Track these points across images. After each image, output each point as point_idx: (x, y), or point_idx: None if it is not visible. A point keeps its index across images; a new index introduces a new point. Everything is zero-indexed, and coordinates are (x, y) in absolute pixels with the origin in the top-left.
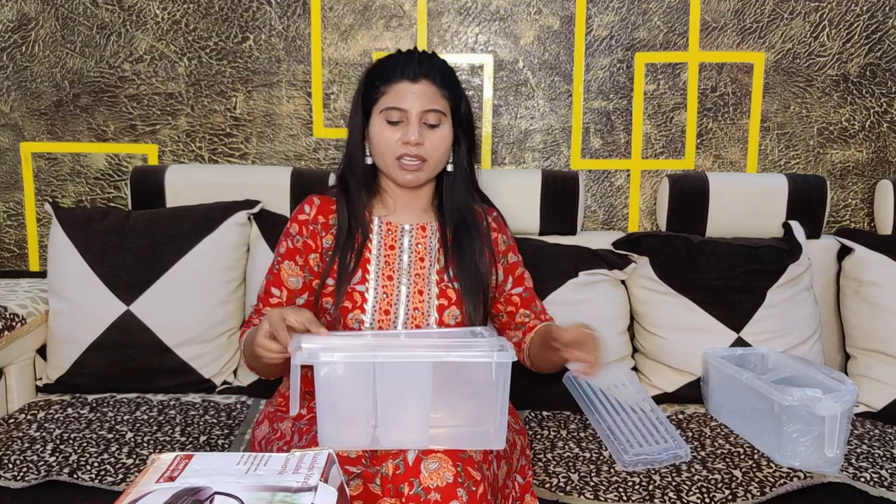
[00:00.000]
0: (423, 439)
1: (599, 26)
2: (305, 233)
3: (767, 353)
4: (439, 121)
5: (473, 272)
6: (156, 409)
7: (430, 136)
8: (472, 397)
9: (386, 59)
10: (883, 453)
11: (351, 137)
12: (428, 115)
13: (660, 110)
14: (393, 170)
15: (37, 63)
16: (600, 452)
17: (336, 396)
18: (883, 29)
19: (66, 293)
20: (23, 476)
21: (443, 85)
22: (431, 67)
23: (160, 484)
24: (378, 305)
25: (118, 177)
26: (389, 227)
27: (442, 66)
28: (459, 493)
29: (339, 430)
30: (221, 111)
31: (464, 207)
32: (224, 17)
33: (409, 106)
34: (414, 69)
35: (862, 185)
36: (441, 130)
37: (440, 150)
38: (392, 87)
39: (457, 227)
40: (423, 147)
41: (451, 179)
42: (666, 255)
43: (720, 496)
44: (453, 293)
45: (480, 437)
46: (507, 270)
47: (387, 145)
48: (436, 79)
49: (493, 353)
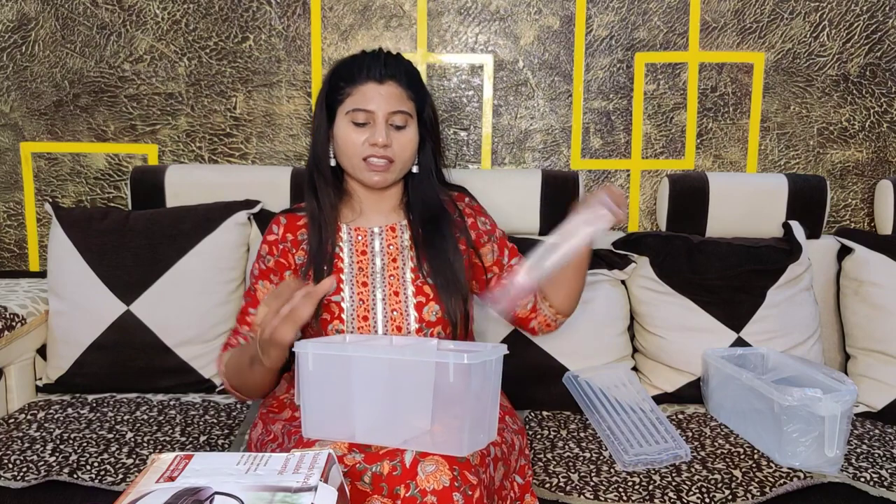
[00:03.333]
0: (397, 439)
1: (599, 26)
2: (276, 252)
3: (767, 353)
4: (406, 122)
5: (447, 268)
6: (156, 409)
7: (397, 137)
8: (441, 401)
9: (351, 60)
10: (883, 453)
11: (315, 139)
12: (395, 116)
13: (660, 110)
14: (360, 171)
15: (37, 63)
16: (600, 452)
17: (320, 389)
18: (883, 29)
19: (66, 293)
20: (23, 476)
21: (408, 86)
22: (398, 68)
23: (160, 484)
24: (355, 313)
25: (118, 177)
26: (359, 232)
27: (408, 67)
28: (456, 497)
29: (322, 422)
30: (221, 111)
31: (432, 204)
32: (224, 17)
33: (375, 107)
34: (380, 70)
35: (862, 185)
36: (408, 132)
37: (407, 151)
38: (358, 88)
39: (426, 223)
40: (391, 148)
41: (416, 180)
42: (666, 255)
43: (720, 496)
44: (430, 289)
45: (447, 442)
46: (499, 245)
47: (353, 147)
48: (402, 80)
49: (451, 354)
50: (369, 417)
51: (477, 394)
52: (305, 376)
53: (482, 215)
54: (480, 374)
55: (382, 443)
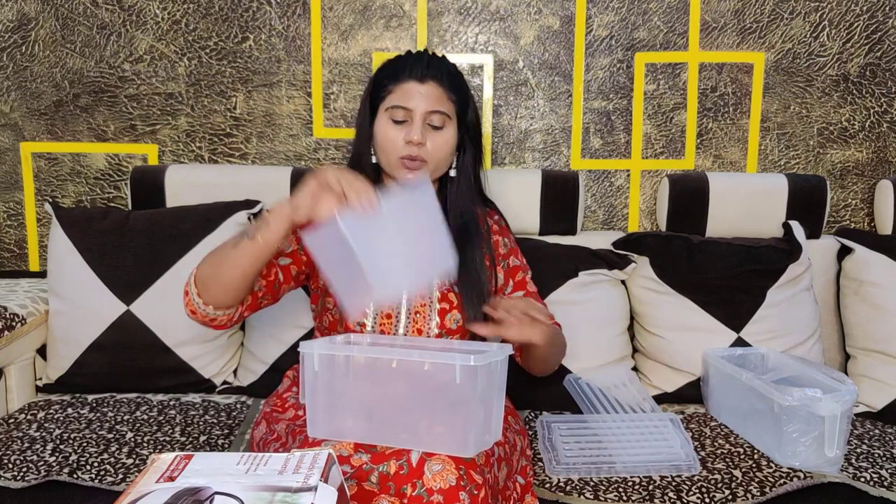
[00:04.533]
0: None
1: (599, 26)
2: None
3: (767, 353)
4: (443, 123)
5: (475, 280)
6: (156, 409)
7: (432, 137)
8: (447, 402)
9: (395, 59)
10: (883, 453)
11: (358, 135)
12: (432, 116)
13: (660, 110)
14: (395, 169)
15: (37, 63)
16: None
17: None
18: (883, 29)
19: (66, 293)
20: (23, 476)
21: (450, 88)
22: (439, 69)
23: (160, 484)
24: (380, 309)
25: (118, 177)
26: None
27: (451, 69)
28: (462, 496)
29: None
30: (221, 111)
31: (466, 213)
32: (224, 17)
33: (414, 105)
34: (422, 70)
35: (862, 185)
36: (444, 133)
37: (442, 152)
38: (399, 86)
39: (459, 232)
40: (425, 148)
41: (454, 185)
42: (666, 255)
43: (720, 496)
44: (454, 297)
45: (453, 443)
46: (507, 274)
47: (390, 143)
48: (443, 81)
49: (457, 356)
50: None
51: (483, 394)
52: (311, 376)
53: (506, 236)
54: (486, 375)
55: (388, 443)
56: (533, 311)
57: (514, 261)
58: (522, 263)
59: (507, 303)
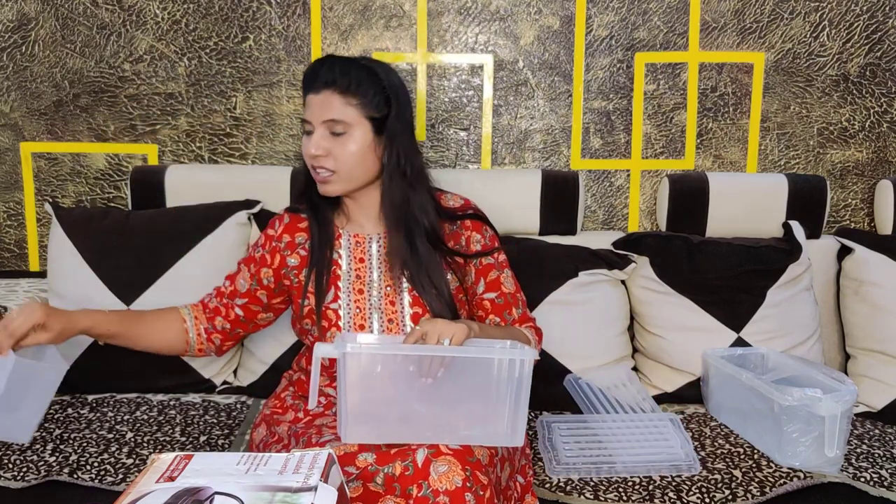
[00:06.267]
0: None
1: (599, 26)
2: (268, 247)
3: (767, 353)
4: (345, 129)
5: (427, 283)
6: (156, 409)
7: (336, 145)
8: (481, 396)
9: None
10: (883, 453)
11: None
12: (329, 124)
13: (660, 110)
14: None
15: (37, 63)
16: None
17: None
18: (883, 29)
19: (66, 293)
20: (23, 476)
21: (348, 92)
22: (332, 75)
23: (160, 484)
24: (352, 321)
25: (118, 177)
26: (358, 239)
27: (353, 72)
28: (468, 497)
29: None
30: (221, 111)
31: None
32: (224, 17)
33: (310, 116)
34: (314, 80)
35: (862, 185)
36: (347, 140)
37: (350, 159)
38: (306, 98)
39: (407, 234)
40: (330, 158)
41: (385, 186)
42: (666, 255)
43: (720, 496)
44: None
45: (491, 436)
46: (478, 273)
47: (305, 157)
48: (338, 87)
49: (495, 349)
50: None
51: (517, 389)
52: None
53: (479, 232)
54: (522, 371)
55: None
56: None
57: (486, 259)
58: (497, 262)
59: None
